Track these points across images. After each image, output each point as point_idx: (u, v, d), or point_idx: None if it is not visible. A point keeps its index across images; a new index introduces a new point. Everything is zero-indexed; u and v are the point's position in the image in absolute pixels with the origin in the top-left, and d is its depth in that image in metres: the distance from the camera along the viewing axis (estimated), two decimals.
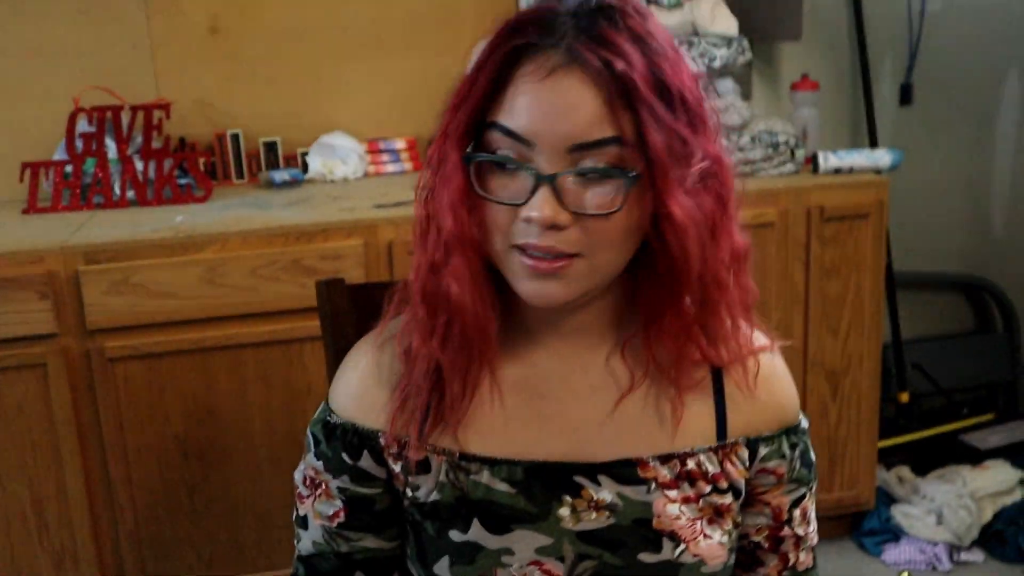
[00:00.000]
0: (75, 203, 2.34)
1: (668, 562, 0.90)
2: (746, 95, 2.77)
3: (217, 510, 2.16)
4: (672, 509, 0.90)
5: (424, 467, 0.91)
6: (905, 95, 2.90)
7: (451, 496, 0.91)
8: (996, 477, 2.55)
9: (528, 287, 0.84)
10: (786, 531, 0.97)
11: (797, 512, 0.97)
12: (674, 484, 0.91)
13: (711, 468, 0.92)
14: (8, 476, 2.05)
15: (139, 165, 2.36)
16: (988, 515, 2.48)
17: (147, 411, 2.08)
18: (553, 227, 0.81)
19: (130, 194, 2.35)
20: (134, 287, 2.01)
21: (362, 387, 0.94)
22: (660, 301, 0.87)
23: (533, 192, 0.81)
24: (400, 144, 2.61)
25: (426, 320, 0.88)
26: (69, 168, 2.35)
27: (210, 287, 2.04)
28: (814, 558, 1.01)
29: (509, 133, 0.81)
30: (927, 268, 3.01)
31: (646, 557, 0.90)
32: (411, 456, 0.90)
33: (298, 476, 0.97)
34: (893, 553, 2.43)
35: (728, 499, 0.93)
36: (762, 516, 0.97)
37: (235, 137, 2.55)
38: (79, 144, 2.35)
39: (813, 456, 1.00)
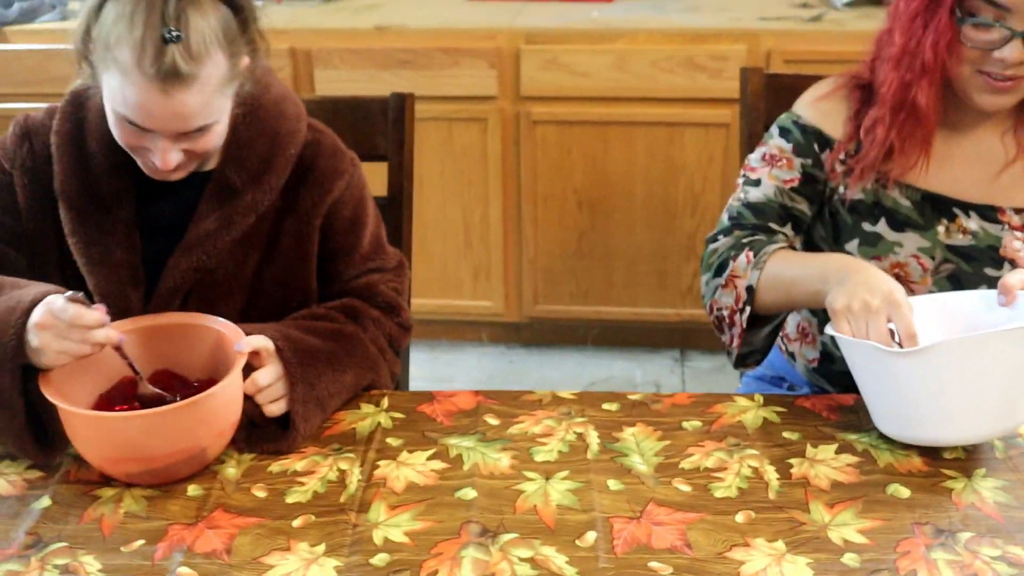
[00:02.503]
0: None
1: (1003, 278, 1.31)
2: None
3: (597, 253, 2.73)
4: (1016, 244, 1.31)
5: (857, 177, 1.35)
6: None
7: (871, 199, 1.34)
8: None
9: (987, 99, 1.25)
10: None
11: None
12: (1021, 228, 1.31)
13: None
14: (449, 202, 2.70)
15: None
16: None
17: (556, 167, 2.64)
18: (1016, 64, 1.20)
19: None
20: (560, 66, 2.53)
21: (827, 106, 1.37)
22: None
23: (1007, 41, 1.19)
24: None
25: (888, 117, 1.29)
26: None
27: (618, 72, 2.52)
28: None
29: (993, 3, 1.19)
30: None
31: (989, 271, 1.31)
32: (859, 171, 1.34)
33: (754, 155, 1.41)
34: None
35: None
36: None
37: None
38: None
39: None
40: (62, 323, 1.06)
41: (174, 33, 1.08)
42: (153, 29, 1.08)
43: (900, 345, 1.10)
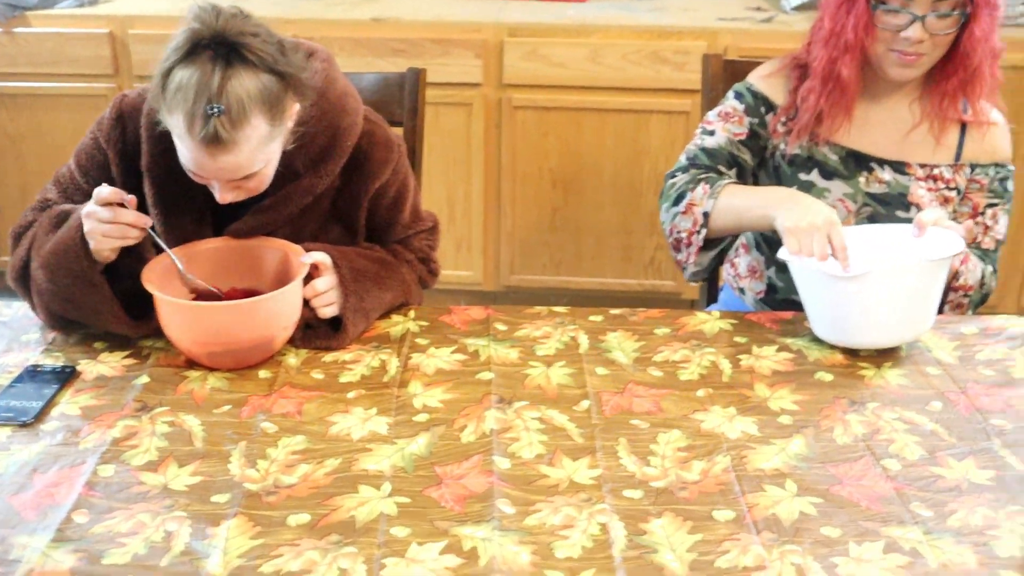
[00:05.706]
0: None
1: (910, 219, 1.61)
2: None
3: (569, 227, 3.02)
4: (920, 191, 1.62)
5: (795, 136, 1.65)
6: None
7: (805, 154, 1.64)
8: None
9: (898, 71, 1.56)
10: (979, 219, 1.65)
11: (989, 212, 1.65)
12: (924, 180, 1.62)
13: (947, 175, 1.63)
14: (435, 180, 2.97)
15: None
16: None
17: (533, 148, 2.93)
18: (918, 41, 1.50)
19: None
20: (539, 57, 2.82)
21: (774, 80, 1.68)
22: (946, 75, 1.57)
23: (911, 23, 1.50)
24: None
25: (819, 87, 1.60)
26: None
27: (591, 64, 2.82)
28: (996, 248, 1.68)
29: None
30: None
31: (900, 213, 1.62)
32: (795, 132, 1.63)
33: (712, 112, 1.70)
34: None
35: (953, 195, 1.64)
36: (967, 207, 1.65)
37: None
38: None
39: (1011, 188, 1.66)
40: (98, 208, 1.31)
41: (215, 107, 1.25)
42: (200, 103, 1.25)
43: (835, 257, 1.39)
